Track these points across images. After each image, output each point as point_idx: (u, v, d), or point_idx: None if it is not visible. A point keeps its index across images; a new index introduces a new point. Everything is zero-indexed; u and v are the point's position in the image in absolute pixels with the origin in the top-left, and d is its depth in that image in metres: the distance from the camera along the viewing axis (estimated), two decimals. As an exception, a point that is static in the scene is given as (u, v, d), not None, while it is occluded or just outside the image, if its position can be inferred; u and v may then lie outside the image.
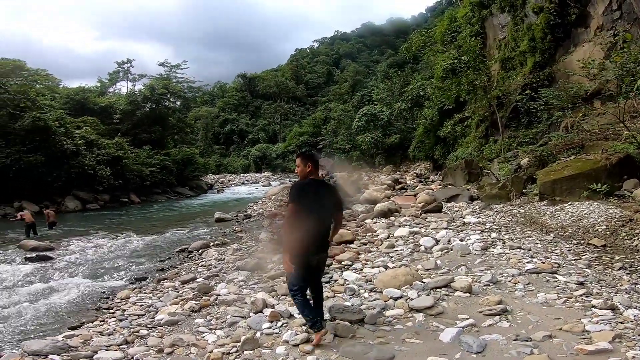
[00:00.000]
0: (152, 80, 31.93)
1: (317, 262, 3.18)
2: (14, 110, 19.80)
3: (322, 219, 3.13)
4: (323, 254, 3.25)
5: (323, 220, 3.15)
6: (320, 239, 3.15)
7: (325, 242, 3.23)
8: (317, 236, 3.10)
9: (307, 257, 3.07)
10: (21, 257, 7.98)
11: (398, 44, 64.64)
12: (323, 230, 3.17)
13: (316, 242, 3.11)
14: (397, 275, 4.19)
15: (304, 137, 49.35)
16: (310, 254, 3.08)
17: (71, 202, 21.52)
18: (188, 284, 5.24)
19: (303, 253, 3.05)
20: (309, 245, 3.05)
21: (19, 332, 4.27)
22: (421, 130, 22.84)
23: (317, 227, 3.07)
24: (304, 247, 3.04)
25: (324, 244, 3.22)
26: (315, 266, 3.18)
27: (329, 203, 3.17)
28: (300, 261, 3.06)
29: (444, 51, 18.59)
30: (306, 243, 3.03)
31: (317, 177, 3.21)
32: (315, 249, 3.11)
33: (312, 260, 3.12)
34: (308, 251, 3.06)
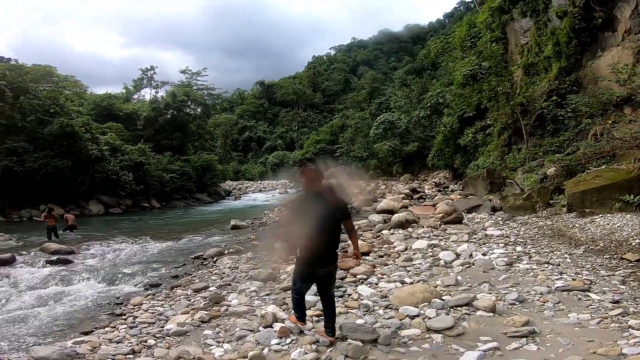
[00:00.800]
0: (174, 88, 32.82)
1: (324, 273, 3.15)
2: (43, 115, 20.68)
3: (325, 230, 3.07)
4: (330, 266, 3.20)
5: (327, 231, 3.09)
6: (326, 250, 3.11)
7: (332, 253, 3.18)
8: (322, 248, 3.07)
9: (312, 269, 3.09)
10: (43, 260, 8.18)
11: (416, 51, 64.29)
12: (328, 242, 3.12)
13: (321, 254, 3.08)
14: (415, 292, 3.98)
15: (320, 145, 49.39)
16: (316, 265, 3.08)
17: (95, 206, 22.19)
18: (200, 292, 5.19)
19: (308, 265, 3.07)
20: (314, 257, 3.05)
21: (32, 335, 4.31)
22: (440, 138, 22.41)
23: (320, 238, 3.03)
24: (309, 259, 3.05)
25: (330, 256, 3.17)
26: (321, 278, 3.16)
27: (332, 213, 3.11)
28: (306, 273, 3.10)
29: (464, 57, 18.24)
30: (310, 255, 3.03)
31: (317, 188, 3.15)
32: (320, 261, 3.09)
33: (318, 272, 3.11)
34: (313, 263, 3.06)
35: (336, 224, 3.18)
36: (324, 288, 3.25)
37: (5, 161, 19.04)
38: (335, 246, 3.21)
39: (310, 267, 3.10)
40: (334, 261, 3.24)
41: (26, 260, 8.34)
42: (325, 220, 3.05)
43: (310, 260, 3.08)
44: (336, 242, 3.24)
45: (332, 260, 3.20)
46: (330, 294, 3.31)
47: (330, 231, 3.12)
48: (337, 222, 3.19)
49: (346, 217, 3.27)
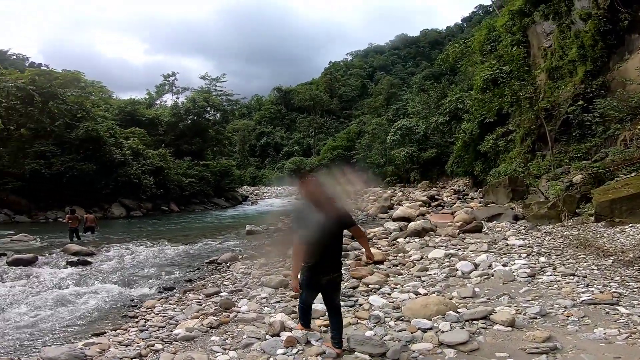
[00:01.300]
0: (194, 93, 33.66)
1: (328, 281, 3.17)
2: (70, 120, 21.56)
3: (326, 240, 3.11)
4: (334, 274, 3.22)
5: (328, 241, 3.13)
6: (328, 259, 3.16)
7: (335, 262, 3.22)
8: (324, 256, 3.13)
9: (315, 277, 3.14)
10: (63, 261, 8.42)
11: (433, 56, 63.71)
12: (329, 251, 3.17)
13: (323, 262, 3.13)
14: (428, 304, 3.82)
15: (337, 151, 49.32)
16: (319, 273, 3.13)
17: (117, 208, 22.86)
18: (212, 297, 5.19)
19: (311, 273, 3.13)
20: (316, 266, 3.10)
21: (47, 334, 4.40)
22: (460, 144, 21.92)
23: (321, 247, 3.08)
24: (312, 268, 3.11)
25: (333, 264, 3.21)
26: (325, 286, 3.19)
27: (333, 222, 3.14)
28: (309, 280, 3.15)
29: (483, 61, 17.87)
30: (313, 263, 3.09)
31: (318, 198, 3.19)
32: (323, 269, 3.13)
33: (322, 280, 3.15)
34: (316, 271, 3.12)
35: (338, 234, 3.23)
36: (329, 296, 3.26)
37: (33, 164, 19.92)
38: (338, 255, 3.24)
39: (313, 275, 3.14)
40: (338, 269, 3.25)
41: (48, 260, 8.62)
42: (325, 230, 3.07)
43: (312, 269, 3.13)
44: (339, 251, 3.27)
45: (335, 268, 3.22)
46: (336, 302, 3.29)
47: (331, 241, 3.15)
48: (339, 231, 3.24)
49: (350, 225, 3.30)
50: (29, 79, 20.72)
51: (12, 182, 19.44)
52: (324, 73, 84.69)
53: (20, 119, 20.92)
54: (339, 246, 3.28)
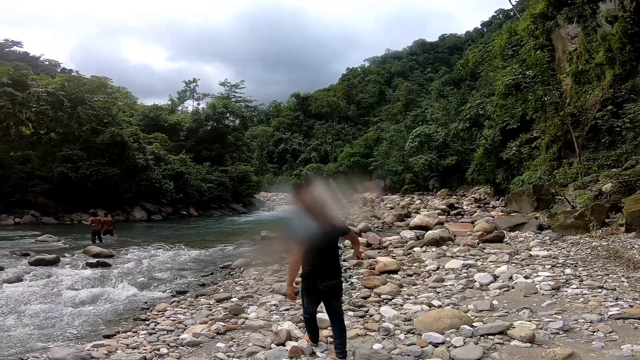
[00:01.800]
0: (214, 100, 34.38)
1: (325, 288, 3.22)
2: (97, 125, 22.40)
3: (322, 248, 3.20)
4: (332, 280, 3.25)
5: (323, 249, 3.22)
6: (324, 266, 3.22)
7: (334, 269, 3.27)
8: (320, 264, 3.20)
9: (313, 284, 3.21)
10: (84, 262, 8.65)
11: (453, 61, 62.60)
12: (325, 258, 3.23)
13: (320, 270, 3.20)
14: (442, 317, 3.65)
15: (355, 158, 48.98)
16: (316, 280, 3.20)
17: (139, 212, 23.48)
18: (222, 302, 5.17)
19: (309, 280, 3.22)
20: (313, 273, 3.19)
21: (60, 334, 4.48)
22: (481, 151, 21.39)
23: (317, 255, 3.18)
24: (309, 275, 3.19)
25: (330, 271, 3.25)
26: (324, 292, 3.24)
27: (327, 231, 3.23)
28: (308, 287, 3.24)
29: (505, 66, 17.40)
30: (309, 271, 3.18)
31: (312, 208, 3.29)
32: (320, 276, 3.20)
33: (319, 286, 3.21)
34: (313, 278, 3.20)
35: (333, 241, 3.31)
36: (329, 303, 3.30)
37: (61, 167, 20.73)
38: (335, 262, 3.30)
39: (310, 283, 3.22)
40: (336, 276, 3.29)
41: (69, 261, 8.86)
42: (320, 239, 3.16)
43: (309, 276, 3.22)
44: (335, 259, 3.33)
45: (333, 275, 3.25)
46: (337, 309, 3.30)
47: (326, 249, 3.23)
48: (334, 239, 3.32)
49: (345, 233, 3.43)
50: (59, 85, 21.67)
51: (40, 184, 20.29)
52: (341, 79, 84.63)
53: (50, 123, 21.90)
54: (335, 254, 3.32)
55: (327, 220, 3.23)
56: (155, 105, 35.25)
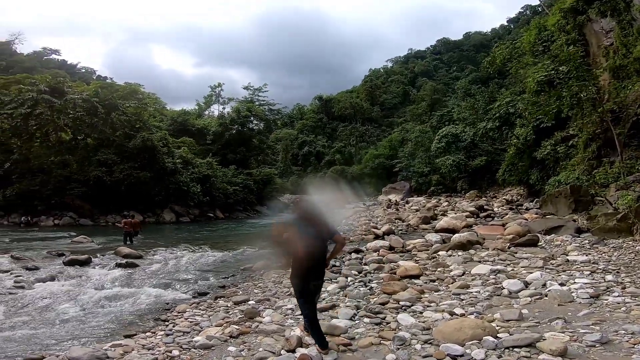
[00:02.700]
0: (238, 104, 35.12)
1: (315, 287, 3.62)
2: (130, 130, 23.41)
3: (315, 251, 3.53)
4: (320, 280, 3.68)
5: (316, 251, 3.54)
6: (316, 267, 3.57)
7: (322, 269, 3.65)
8: (313, 265, 3.54)
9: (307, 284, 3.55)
10: (113, 263, 8.98)
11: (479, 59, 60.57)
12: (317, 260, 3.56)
13: (313, 270, 3.55)
14: (463, 327, 3.41)
15: (379, 160, 48.43)
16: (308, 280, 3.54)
17: (168, 214, 24.29)
18: (240, 305, 5.17)
19: (302, 280, 3.55)
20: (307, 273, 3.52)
21: (83, 332, 4.63)
22: (512, 151, 20.47)
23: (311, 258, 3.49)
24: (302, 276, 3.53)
25: (320, 271, 3.63)
26: (312, 290, 3.61)
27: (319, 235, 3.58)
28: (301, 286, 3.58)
29: (536, 62, 16.59)
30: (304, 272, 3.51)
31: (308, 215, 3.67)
32: (313, 276, 3.56)
33: (310, 285, 3.56)
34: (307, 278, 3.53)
35: (324, 245, 3.66)
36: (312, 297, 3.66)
37: (97, 171, 21.81)
38: (323, 263, 3.67)
39: (304, 283, 3.55)
40: (323, 276, 3.72)
41: (100, 262, 9.23)
42: (314, 243, 3.52)
43: (303, 277, 3.55)
44: (324, 260, 3.69)
45: (322, 275, 3.68)
46: (315, 301, 3.73)
47: (318, 251, 3.58)
48: (324, 242, 3.67)
49: (333, 234, 3.73)
50: (93, 92, 22.84)
51: (77, 187, 21.43)
52: (364, 81, 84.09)
53: (87, 129, 23.12)
54: (324, 256, 3.67)
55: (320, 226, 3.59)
56: (183, 110, 36.47)
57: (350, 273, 6.64)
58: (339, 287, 5.72)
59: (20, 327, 4.75)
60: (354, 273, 6.66)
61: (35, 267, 8.22)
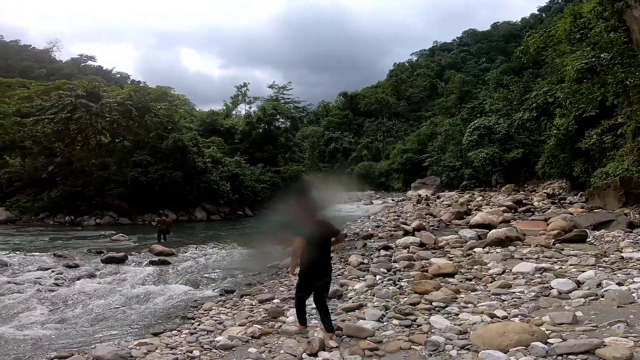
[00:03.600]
0: (264, 102, 35.55)
1: (321, 285, 3.88)
2: (162, 132, 24.28)
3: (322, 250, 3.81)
4: (326, 278, 3.94)
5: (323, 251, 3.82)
6: (323, 266, 3.85)
7: (327, 266, 3.92)
8: (320, 264, 3.80)
9: (312, 283, 3.84)
10: (147, 261, 9.28)
11: (509, 50, 58.76)
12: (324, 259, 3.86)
13: (320, 269, 3.81)
14: (507, 332, 3.09)
15: (407, 155, 47.42)
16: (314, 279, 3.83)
17: (199, 212, 24.98)
18: (264, 303, 5.11)
19: (309, 280, 3.83)
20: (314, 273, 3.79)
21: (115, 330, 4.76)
22: (553, 142, 19.32)
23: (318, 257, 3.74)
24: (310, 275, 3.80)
25: (326, 269, 3.91)
26: (319, 288, 3.88)
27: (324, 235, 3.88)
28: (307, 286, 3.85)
29: (574, 50, 15.56)
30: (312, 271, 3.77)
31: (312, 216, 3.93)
32: (318, 275, 3.82)
33: (316, 284, 3.85)
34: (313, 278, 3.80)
35: (327, 243, 3.92)
36: (320, 295, 3.91)
37: (133, 172, 22.79)
38: (328, 261, 3.93)
39: (310, 281, 3.83)
40: (329, 274, 3.98)
41: (135, 259, 9.57)
42: (321, 243, 3.79)
43: (309, 276, 3.81)
44: (328, 257, 3.96)
45: (327, 273, 3.93)
46: (324, 299, 3.97)
47: (324, 251, 3.85)
48: (328, 241, 3.94)
49: (336, 233, 4.04)
50: (127, 95, 23.87)
51: (116, 188, 22.50)
52: (389, 75, 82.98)
53: (123, 132, 24.23)
54: (329, 253, 3.93)
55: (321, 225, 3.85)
56: (212, 110, 37.40)
57: (379, 271, 6.41)
58: (367, 286, 5.52)
59: (56, 324, 4.97)
60: (382, 271, 6.43)
61: (75, 265, 8.63)
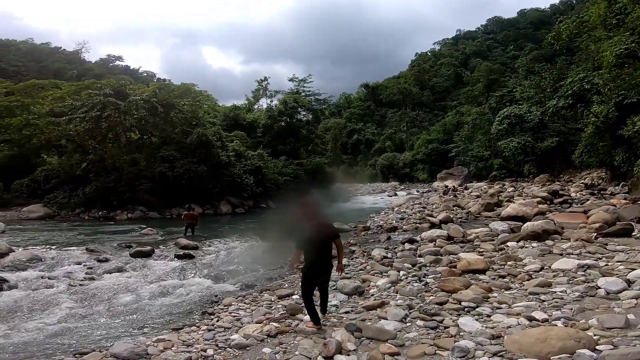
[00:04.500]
0: (285, 96, 35.58)
1: (321, 281, 4.26)
2: (187, 127, 24.79)
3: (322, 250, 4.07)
4: (327, 274, 4.27)
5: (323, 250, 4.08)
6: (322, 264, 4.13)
7: (326, 264, 4.17)
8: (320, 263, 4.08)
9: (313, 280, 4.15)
10: (172, 254, 9.44)
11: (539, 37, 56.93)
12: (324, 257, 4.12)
13: (319, 267, 4.11)
14: (549, 337, 2.77)
15: (433, 145, 46.20)
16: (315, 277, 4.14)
17: (224, 206, 25.40)
18: (283, 299, 5.00)
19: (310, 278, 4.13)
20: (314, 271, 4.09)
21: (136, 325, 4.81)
22: (591, 130, 18.22)
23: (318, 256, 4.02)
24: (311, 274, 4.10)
25: (325, 266, 4.18)
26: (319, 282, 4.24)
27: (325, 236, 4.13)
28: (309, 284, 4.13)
29: (610, 36, 14.54)
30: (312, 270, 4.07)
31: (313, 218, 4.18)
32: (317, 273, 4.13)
33: (317, 280, 4.19)
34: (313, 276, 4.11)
35: (327, 243, 4.17)
36: (322, 286, 4.33)
37: (161, 167, 23.44)
38: (328, 259, 4.17)
39: (311, 279, 4.12)
40: (329, 270, 4.26)
41: (161, 253, 9.72)
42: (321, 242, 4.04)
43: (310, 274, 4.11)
44: (329, 256, 4.18)
45: (327, 270, 4.23)
46: (325, 287, 4.38)
47: (321, 249, 4.08)
48: (328, 241, 4.18)
49: (335, 237, 4.24)
50: (152, 92, 24.48)
51: (145, 183, 23.22)
52: (411, 65, 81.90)
53: (150, 128, 24.94)
54: (329, 252, 4.16)
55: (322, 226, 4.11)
56: (234, 105, 37.84)
57: (403, 266, 6.14)
58: (390, 282, 5.27)
59: (80, 319, 5.09)
60: (407, 266, 6.16)
61: (105, 259, 8.85)
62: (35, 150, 26.35)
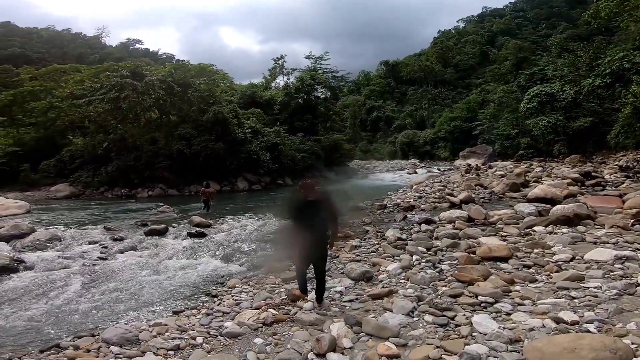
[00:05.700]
0: (302, 73, 34.94)
1: (317, 258, 4.14)
2: (204, 106, 24.75)
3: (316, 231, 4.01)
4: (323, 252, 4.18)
5: (317, 232, 4.04)
6: (317, 246, 4.07)
7: (322, 247, 4.13)
8: (313, 244, 4.02)
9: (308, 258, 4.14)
10: (185, 232, 9.42)
11: (574, 15, 54.83)
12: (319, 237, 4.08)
13: (313, 249, 4.04)
14: (578, 347, 2.31)
15: (455, 123, 44.68)
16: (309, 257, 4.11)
17: (241, 182, 25.58)
18: (287, 282, 4.81)
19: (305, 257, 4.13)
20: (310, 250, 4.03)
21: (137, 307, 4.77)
22: (629, 110, 17.22)
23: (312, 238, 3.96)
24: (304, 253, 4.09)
25: (321, 249, 4.14)
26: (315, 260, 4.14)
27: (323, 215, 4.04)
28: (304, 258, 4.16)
29: None
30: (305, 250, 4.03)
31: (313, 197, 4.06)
32: (312, 254, 4.07)
33: (313, 257, 4.12)
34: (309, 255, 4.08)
35: (326, 224, 4.15)
36: (318, 266, 4.16)
37: (178, 145, 23.65)
38: (325, 238, 4.15)
39: (307, 255, 4.10)
40: (325, 249, 4.20)
41: (175, 232, 9.72)
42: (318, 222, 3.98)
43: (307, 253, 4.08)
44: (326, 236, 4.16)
45: (323, 249, 4.16)
46: (323, 268, 4.21)
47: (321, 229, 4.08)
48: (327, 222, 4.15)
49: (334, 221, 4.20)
50: (168, 73, 24.44)
51: (164, 161, 23.58)
52: (433, 43, 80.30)
53: (168, 107, 25.06)
54: (325, 231, 4.14)
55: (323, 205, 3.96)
56: (251, 83, 37.58)
57: (417, 250, 5.73)
58: (401, 268, 4.89)
59: (87, 301, 5.09)
60: (421, 250, 5.76)
61: (120, 238, 8.90)
62: (61, 132, 27.12)
